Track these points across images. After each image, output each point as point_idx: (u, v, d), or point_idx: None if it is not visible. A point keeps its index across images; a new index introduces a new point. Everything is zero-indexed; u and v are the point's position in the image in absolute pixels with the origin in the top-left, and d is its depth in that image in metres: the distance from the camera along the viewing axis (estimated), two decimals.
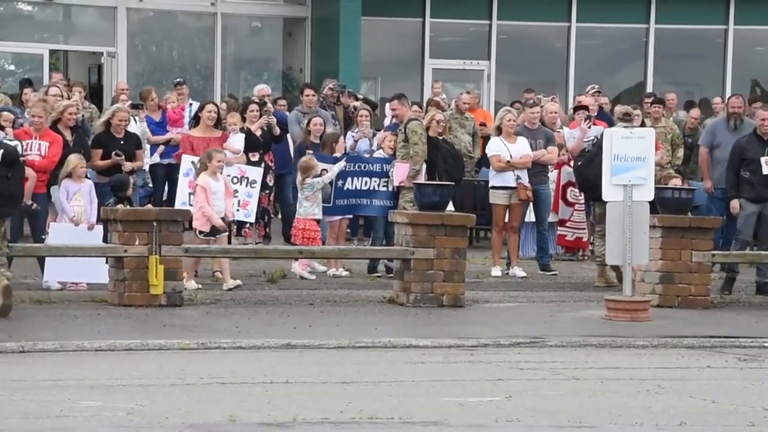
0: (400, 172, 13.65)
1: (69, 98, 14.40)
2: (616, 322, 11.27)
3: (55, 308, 11.28)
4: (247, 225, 14.07)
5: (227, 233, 12.61)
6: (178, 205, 13.14)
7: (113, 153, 13.09)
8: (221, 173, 12.63)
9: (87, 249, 11.88)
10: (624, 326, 11.08)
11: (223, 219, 12.43)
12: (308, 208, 13.11)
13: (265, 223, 14.74)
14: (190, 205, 13.00)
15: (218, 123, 13.79)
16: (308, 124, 14.40)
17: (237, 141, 13.72)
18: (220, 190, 12.49)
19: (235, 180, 13.52)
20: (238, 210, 13.48)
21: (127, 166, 13.10)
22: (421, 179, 13.37)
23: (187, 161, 13.39)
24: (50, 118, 12.96)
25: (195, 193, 12.54)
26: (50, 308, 11.28)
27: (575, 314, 11.79)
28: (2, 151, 10.77)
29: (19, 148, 11.11)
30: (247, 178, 13.61)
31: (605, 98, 17.09)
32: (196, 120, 13.95)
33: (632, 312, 11.41)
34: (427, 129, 13.96)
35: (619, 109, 14.74)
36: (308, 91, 15.71)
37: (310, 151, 13.68)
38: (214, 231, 12.35)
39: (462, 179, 14.08)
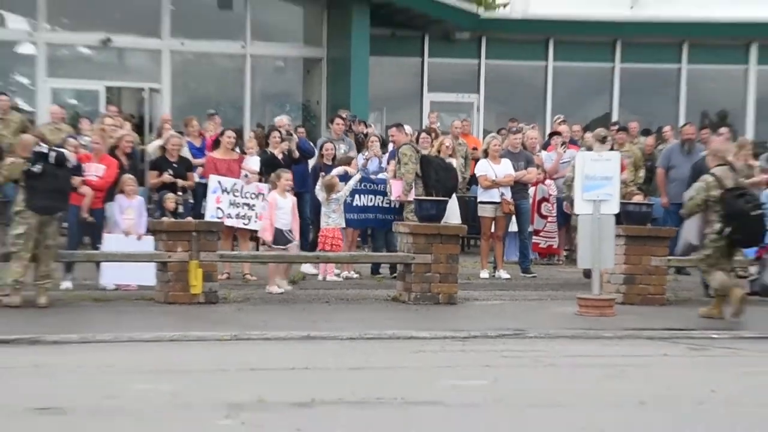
0: (396, 189, 13.72)
1: (122, 128, 14.50)
2: (587, 317, 11.28)
3: (111, 306, 11.34)
4: None
5: (293, 243, 12.50)
6: (207, 217, 13.14)
7: (165, 172, 13.16)
8: (289, 191, 12.61)
9: (137, 255, 11.94)
10: (593, 320, 11.10)
11: (288, 233, 12.37)
12: (336, 219, 13.17)
13: None
14: (217, 217, 13.04)
15: (236, 146, 13.86)
16: (321, 148, 14.42)
17: (253, 162, 13.77)
18: (287, 206, 12.45)
19: (253, 196, 13.52)
20: (256, 221, 13.49)
21: (179, 182, 13.21)
22: (413, 194, 13.39)
23: (214, 180, 13.42)
24: (108, 144, 13.06)
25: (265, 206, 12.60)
26: (107, 306, 11.34)
27: (552, 310, 11.81)
28: (55, 154, 10.98)
29: (66, 154, 11.25)
30: (263, 194, 13.59)
31: (577, 126, 17.12)
32: (217, 143, 14.05)
33: (600, 308, 11.42)
34: (438, 152, 14.04)
35: (597, 132, 14.75)
36: (338, 120, 15.71)
37: (323, 173, 13.73)
38: (281, 241, 12.30)
39: (456, 187, 14.02)
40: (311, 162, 15.16)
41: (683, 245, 11.57)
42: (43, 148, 11.10)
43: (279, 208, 12.37)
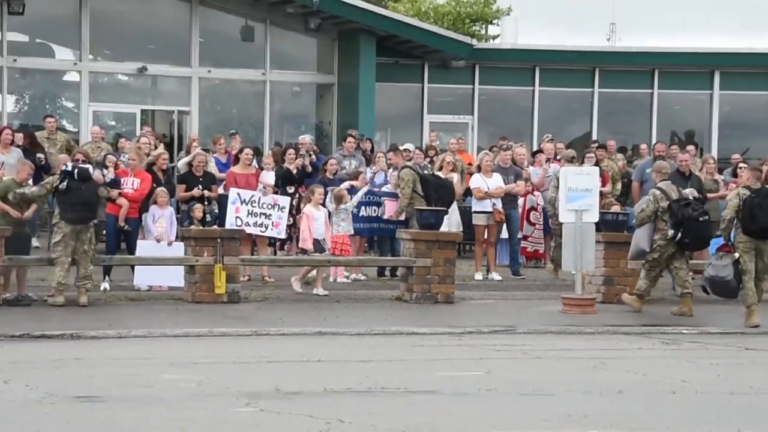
0: (389, 208, 13.67)
1: (156, 147, 14.46)
2: (570, 315, 11.17)
3: (144, 304, 11.28)
4: (287, 241, 14.04)
5: (323, 252, 12.30)
6: (227, 226, 12.90)
7: (196, 188, 13.14)
8: (323, 204, 12.43)
9: (168, 259, 11.88)
10: (576, 318, 11.00)
11: (323, 242, 12.20)
12: (345, 227, 13.05)
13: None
14: (237, 226, 12.93)
15: (254, 161, 13.78)
16: (324, 164, 14.32)
17: (269, 177, 13.70)
18: (321, 218, 12.29)
19: (269, 206, 13.40)
20: (272, 229, 13.35)
21: (206, 193, 13.16)
22: (404, 215, 13.35)
23: (233, 192, 13.34)
24: (146, 161, 13.05)
25: (302, 219, 12.37)
26: (140, 304, 11.29)
27: (539, 309, 11.71)
28: (77, 170, 10.95)
29: (90, 169, 11.21)
30: (278, 205, 13.37)
31: (561, 144, 17.03)
32: (237, 160, 13.97)
33: (582, 307, 11.33)
34: (441, 168, 14.12)
35: (566, 153, 14.81)
36: (350, 139, 15.49)
37: (331, 188, 13.66)
38: (318, 250, 12.15)
39: (453, 200, 13.80)
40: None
41: (635, 251, 11.59)
42: (68, 166, 11.09)
43: (315, 220, 12.21)
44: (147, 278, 12.25)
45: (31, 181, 11.63)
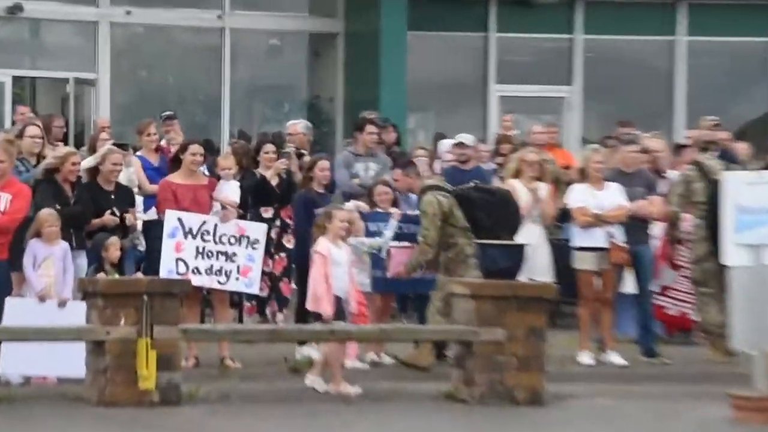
0: (396, 261, 13.62)
1: (52, 142, 14.58)
2: (746, 425, 11.03)
3: (17, 409, 11.21)
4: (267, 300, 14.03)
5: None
6: (163, 274, 13.07)
7: (108, 212, 13.19)
8: (346, 238, 12.46)
9: (58, 331, 11.81)
10: (756, 430, 10.88)
11: (340, 300, 12.21)
12: (357, 276, 12.99)
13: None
14: (178, 273, 12.94)
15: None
16: (310, 168, 14.28)
17: (230, 190, 13.70)
18: (343, 261, 12.32)
19: (233, 240, 13.46)
20: (237, 279, 13.45)
21: (129, 219, 13.30)
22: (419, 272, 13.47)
23: (172, 217, 13.36)
24: (43, 166, 13.08)
25: (313, 261, 12.30)
26: (10, 409, 11.20)
27: (691, 415, 11.62)
28: None
29: None
30: (248, 238, 13.52)
31: (724, 133, 16.97)
32: (176, 162, 13.90)
33: (766, 412, 11.15)
34: (517, 174, 14.31)
35: (699, 135, 14.69)
36: (370, 128, 15.57)
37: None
38: (340, 315, 12.17)
39: (519, 223, 13.80)
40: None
41: None
42: None
43: (335, 264, 12.21)
44: (22, 363, 12.22)
45: None
